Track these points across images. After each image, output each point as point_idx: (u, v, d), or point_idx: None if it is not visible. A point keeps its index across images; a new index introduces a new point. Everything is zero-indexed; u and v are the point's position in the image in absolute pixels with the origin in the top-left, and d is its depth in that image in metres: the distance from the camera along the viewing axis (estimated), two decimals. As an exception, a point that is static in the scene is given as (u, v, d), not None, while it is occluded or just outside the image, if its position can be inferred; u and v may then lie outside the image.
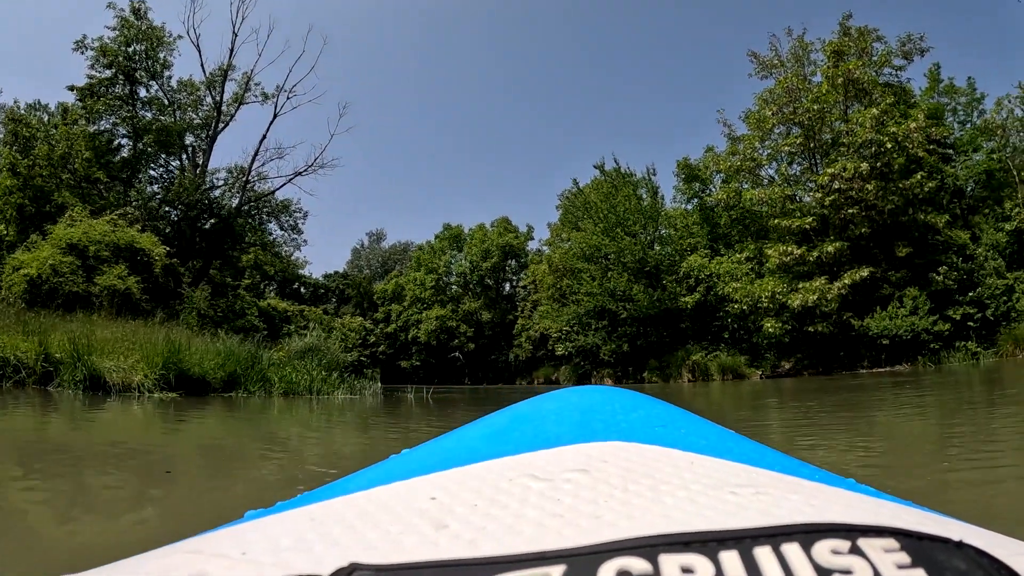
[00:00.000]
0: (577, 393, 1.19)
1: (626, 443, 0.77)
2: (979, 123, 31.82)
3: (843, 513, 0.52)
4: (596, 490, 0.57)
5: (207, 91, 34.85)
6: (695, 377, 28.88)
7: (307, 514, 0.59)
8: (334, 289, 63.08)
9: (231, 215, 33.92)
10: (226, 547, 0.51)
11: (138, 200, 31.06)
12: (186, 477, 4.19)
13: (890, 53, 30.03)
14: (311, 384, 15.59)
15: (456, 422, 7.64)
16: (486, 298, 51.29)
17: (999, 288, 25.78)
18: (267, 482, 4.11)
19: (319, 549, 0.48)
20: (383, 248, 77.23)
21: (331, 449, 6.28)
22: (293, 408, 11.18)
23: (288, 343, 22.74)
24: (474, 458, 0.75)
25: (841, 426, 6.97)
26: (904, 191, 26.57)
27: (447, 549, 0.46)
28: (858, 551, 0.36)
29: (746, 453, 0.79)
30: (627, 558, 0.37)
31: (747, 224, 32.46)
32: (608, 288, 33.03)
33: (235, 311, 32.84)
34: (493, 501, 0.56)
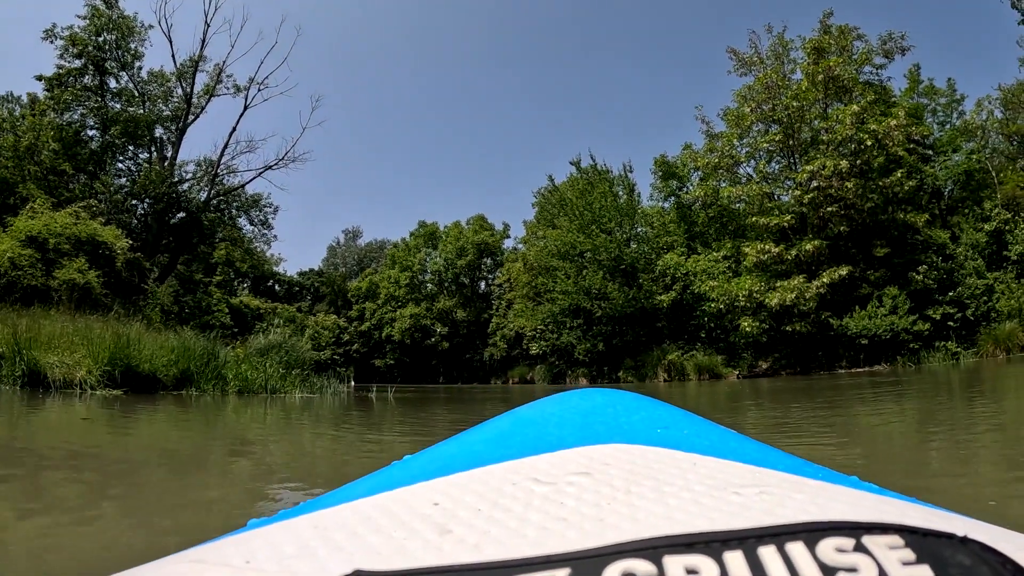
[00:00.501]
0: (578, 396, 1.14)
1: (628, 445, 0.77)
2: (958, 124, 31.69)
3: (847, 511, 0.52)
4: (599, 493, 0.57)
5: (177, 82, 34.04)
6: (671, 377, 28.45)
7: (310, 522, 0.58)
8: (309, 287, 62.53)
9: (199, 209, 33.12)
10: (230, 556, 0.51)
11: (103, 192, 30.20)
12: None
13: (871, 51, 29.74)
14: (267, 382, 15.02)
15: (403, 426, 7.08)
16: (461, 296, 50.80)
17: (979, 288, 25.58)
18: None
19: (323, 556, 0.48)
20: (359, 246, 76.71)
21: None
22: (240, 408, 10.56)
23: (252, 340, 22.15)
24: (477, 462, 0.74)
25: (833, 430, 6.56)
26: (884, 189, 26.28)
27: (451, 554, 0.46)
28: (863, 549, 0.37)
29: (749, 453, 0.78)
30: (631, 560, 0.37)
31: (724, 223, 32.10)
32: (583, 286, 32.55)
33: (201, 307, 32.12)
34: (496, 505, 0.56)
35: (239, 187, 35.06)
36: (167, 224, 32.16)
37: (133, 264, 26.51)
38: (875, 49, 29.86)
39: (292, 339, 22.98)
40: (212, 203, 34.30)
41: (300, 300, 61.24)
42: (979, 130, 31.96)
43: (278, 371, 16.26)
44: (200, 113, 34.48)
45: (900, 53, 30.18)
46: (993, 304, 25.16)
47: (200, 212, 33.22)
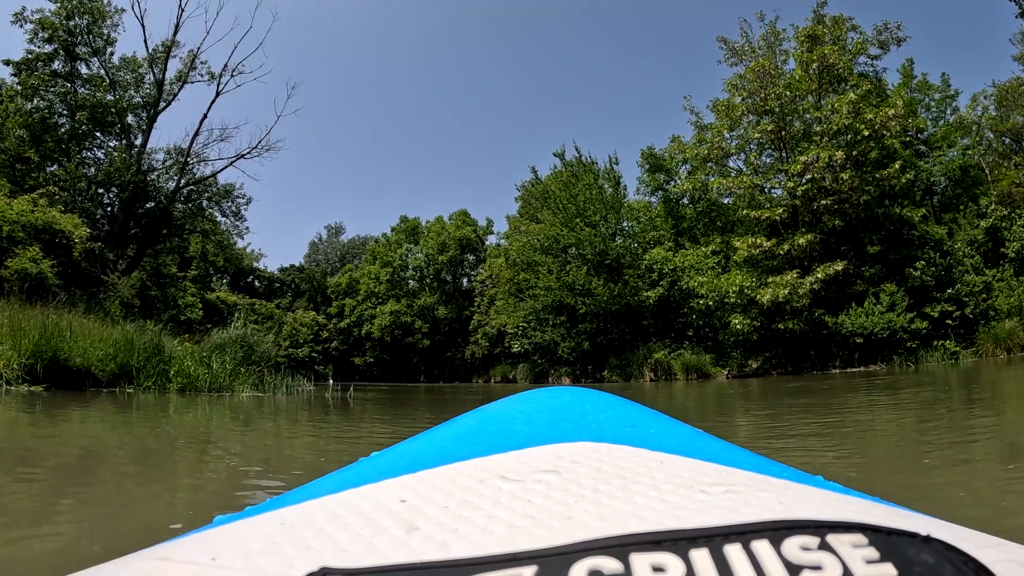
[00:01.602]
0: (547, 394, 1.14)
1: (596, 443, 0.78)
2: (953, 120, 31.26)
3: (812, 510, 0.53)
4: (567, 491, 0.58)
5: (149, 68, 32.76)
6: (657, 376, 27.47)
7: (277, 518, 0.58)
8: (289, 283, 61.57)
9: (168, 199, 31.86)
10: (196, 553, 0.51)
11: (66, 180, 28.92)
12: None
13: (866, 41, 28.80)
14: (211, 380, 13.94)
15: (336, 437, 5.62)
16: (442, 293, 49.85)
17: (977, 286, 24.91)
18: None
19: (290, 553, 0.48)
20: (341, 242, 75.69)
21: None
22: (163, 410, 9.49)
23: (214, 335, 21.06)
24: (444, 460, 0.74)
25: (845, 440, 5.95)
26: (880, 182, 25.35)
27: (419, 551, 0.46)
28: (827, 547, 0.37)
29: (715, 452, 0.80)
30: (599, 558, 0.37)
31: (713, 217, 31.31)
32: (566, 282, 31.49)
33: (167, 301, 30.92)
34: (464, 503, 0.57)
35: (210, 176, 33.77)
36: (134, 214, 30.87)
37: (93, 254, 25.41)
38: (870, 39, 28.96)
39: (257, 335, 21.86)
40: (182, 193, 33.01)
41: (281, 296, 60.46)
42: (974, 126, 31.62)
43: (226, 368, 15.18)
44: (172, 100, 33.17)
45: (895, 44, 29.43)
46: (992, 302, 24.54)
47: (169, 202, 31.93)
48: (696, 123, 31.35)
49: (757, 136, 27.46)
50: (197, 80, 33.36)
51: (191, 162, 33.19)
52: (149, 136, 32.37)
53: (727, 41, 30.73)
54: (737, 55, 30.42)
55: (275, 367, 21.10)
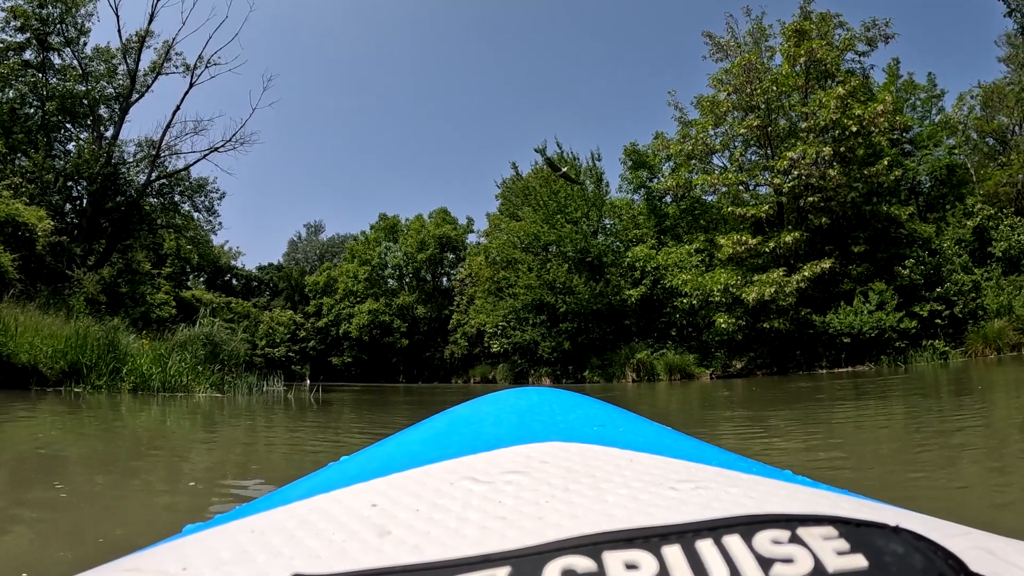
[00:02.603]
0: (515, 395, 1.15)
1: (565, 443, 0.77)
2: (939, 119, 31.08)
3: (782, 504, 0.54)
4: (538, 491, 0.58)
5: (123, 59, 31.90)
6: (640, 377, 26.88)
7: (247, 526, 0.58)
8: (268, 281, 60.80)
9: (139, 192, 31.00)
10: (166, 563, 0.50)
11: (34, 171, 28.04)
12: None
13: (853, 38, 28.37)
14: (165, 380, 13.33)
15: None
16: (422, 292, 49.16)
17: (967, 284, 24.58)
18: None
19: (261, 561, 0.48)
20: (321, 240, 74.84)
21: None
22: (103, 412, 8.90)
23: (176, 332, 20.40)
24: (414, 463, 0.73)
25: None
26: (868, 178, 24.92)
27: (391, 555, 0.46)
28: (798, 540, 0.37)
29: (685, 449, 0.80)
30: (571, 557, 0.38)
31: (696, 216, 30.77)
32: (547, 280, 30.84)
33: (135, 298, 30.13)
34: (435, 505, 0.56)
35: (183, 170, 32.91)
36: (104, 208, 30.02)
37: (59, 248, 24.64)
38: (858, 35, 28.55)
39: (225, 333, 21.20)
40: (153, 187, 32.16)
41: (259, 295, 59.71)
42: (959, 126, 31.57)
43: (183, 367, 14.58)
44: (145, 92, 32.32)
45: (883, 41, 29.01)
46: (981, 301, 24.25)
47: (140, 196, 31.10)
48: (680, 119, 30.77)
49: (743, 132, 26.95)
50: (172, 72, 32.61)
51: (163, 155, 32.35)
52: (121, 128, 31.51)
53: (712, 36, 30.22)
54: (723, 50, 29.92)
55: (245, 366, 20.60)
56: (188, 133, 33.44)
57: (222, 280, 59.42)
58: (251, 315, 54.14)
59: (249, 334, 52.21)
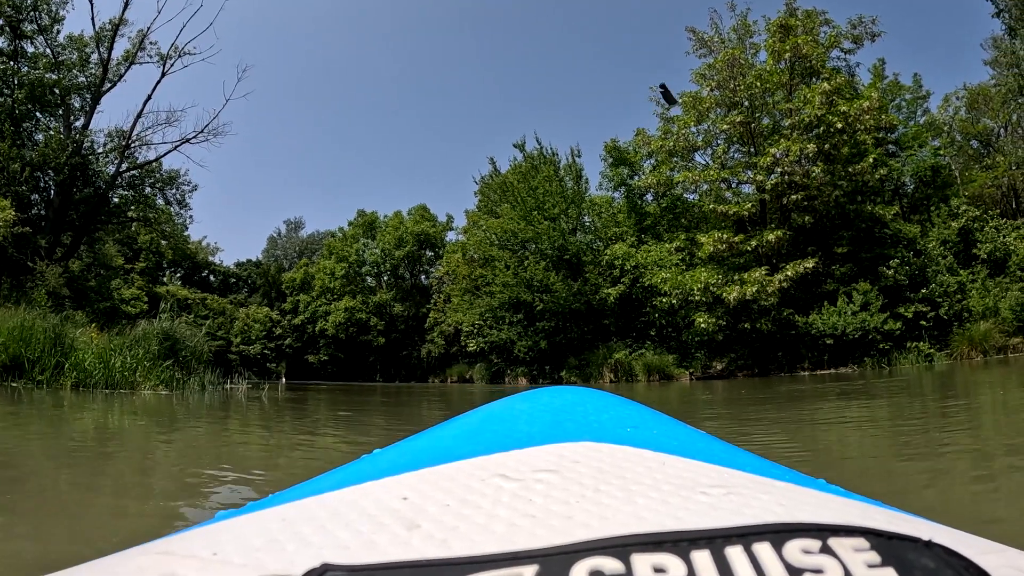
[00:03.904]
0: (549, 393, 1.16)
1: (597, 443, 0.77)
2: (924, 120, 30.98)
3: (814, 513, 0.53)
4: (568, 490, 0.58)
5: (96, 47, 31.03)
6: (617, 377, 26.22)
7: (279, 514, 0.59)
8: (246, 278, 59.97)
9: (108, 184, 30.14)
10: (197, 548, 0.51)
11: (0, 161, 27.20)
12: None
13: (839, 35, 27.92)
14: (108, 376, 12.73)
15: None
16: (399, 290, 48.39)
17: (952, 286, 24.30)
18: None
19: (291, 549, 0.48)
20: (301, 237, 73.96)
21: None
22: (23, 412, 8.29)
23: (135, 327, 19.73)
24: (446, 458, 0.74)
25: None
26: (853, 176, 24.46)
27: (419, 549, 0.46)
28: (829, 550, 0.37)
29: (717, 453, 0.80)
30: (599, 558, 0.38)
31: (678, 214, 30.25)
32: (524, 278, 30.18)
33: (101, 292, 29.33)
34: (465, 501, 0.57)
35: (154, 161, 32.03)
36: (72, 199, 29.17)
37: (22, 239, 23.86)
38: (844, 32, 28.08)
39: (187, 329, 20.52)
40: (123, 178, 31.29)
41: (236, 292, 58.91)
42: (945, 127, 31.64)
43: (131, 363, 13.98)
44: (118, 81, 31.44)
45: (870, 39, 28.49)
46: (967, 303, 24.02)
47: (108, 187, 30.24)
48: (662, 115, 30.25)
49: (726, 128, 26.39)
50: (146, 61, 31.72)
51: (133, 146, 31.46)
52: (92, 118, 30.70)
53: (696, 32, 29.67)
54: (706, 46, 29.37)
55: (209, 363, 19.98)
56: (160, 124, 32.46)
57: (199, 276, 58.65)
58: (227, 312, 53.39)
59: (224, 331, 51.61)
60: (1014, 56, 29.56)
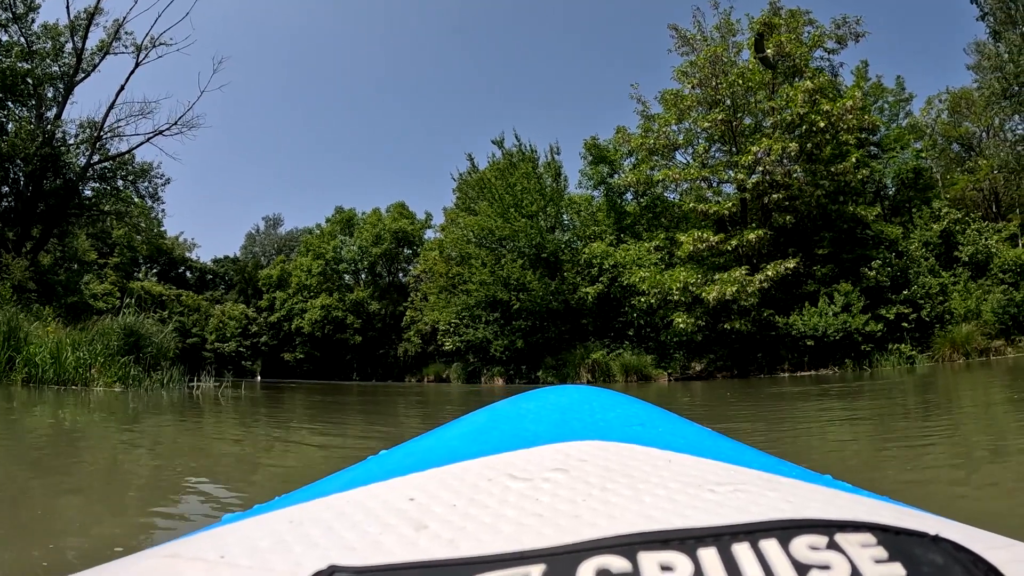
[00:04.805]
0: (555, 392, 1.14)
1: (604, 442, 0.78)
2: (907, 123, 30.88)
3: (821, 509, 0.54)
4: (575, 489, 0.58)
5: (70, 37, 30.32)
6: (595, 378, 25.79)
7: (285, 516, 0.59)
8: (223, 275, 59.21)
9: (78, 175, 29.44)
10: (204, 550, 0.51)
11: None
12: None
13: (823, 34, 27.66)
14: (61, 371, 12.32)
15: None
16: (376, 287, 47.84)
17: (934, 288, 24.16)
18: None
19: (298, 551, 0.49)
20: (279, 234, 73.19)
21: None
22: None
23: (98, 322, 19.21)
24: (452, 458, 0.74)
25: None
26: (835, 176, 24.25)
27: (427, 549, 0.46)
28: (836, 546, 0.38)
29: (723, 451, 0.80)
30: (607, 556, 0.38)
31: (658, 213, 29.91)
32: (501, 276, 29.72)
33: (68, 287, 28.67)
34: (472, 501, 0.57)
35: (126, 153, 31.31)
36: (41, 191, 28.45)
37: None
38: (828, 32, 27.83)
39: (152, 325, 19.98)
40: (95, 170, 30.57)
41: (213, 288, 58.16)
42: (927, 129, 31.69)
43: (82, 359, 13.57)
44: (91, 71, 30.74)
45: (854, 39, 28.27)
46: (948, 305, 23.95)
47: (79, 179, 29.51)
48: (643, 112, 29.80)
49: (707, 126, 26.06)
50: (121, 52, 30.99)
51: (105, 137, 30.76)
52: (64, 108, 29.98)
53: (678, 29, 29.22)
54: (689, 44, 28.97)
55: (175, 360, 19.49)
56: (133, 115, 31.73)
57: (176, 272, 57.95)
58: (201, 309, 52.73)
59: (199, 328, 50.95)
60: (998, 59, 29.47)
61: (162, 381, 15.75)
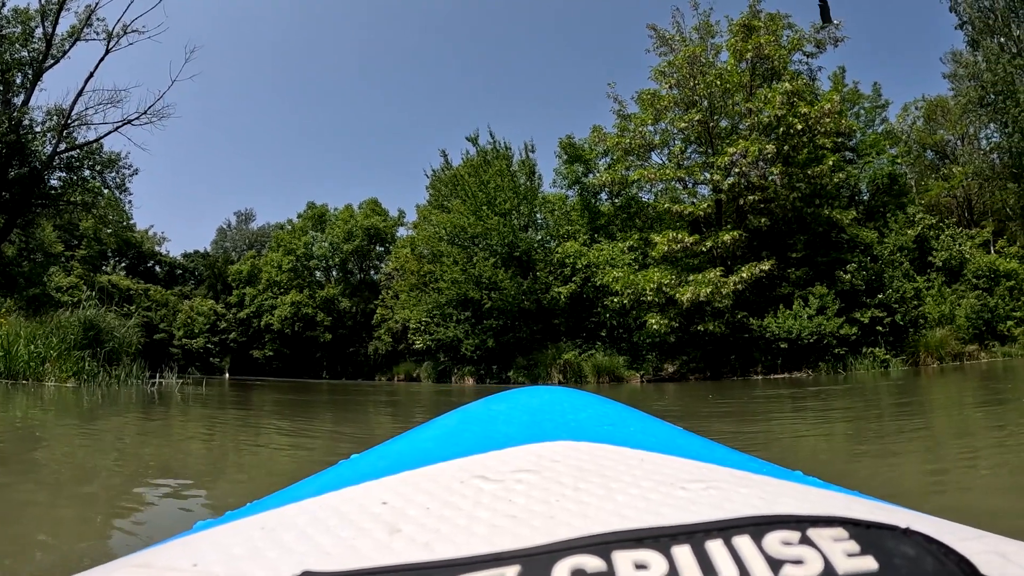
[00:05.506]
0: (527, 393, 1.17)
1: (576, 442, 0.79)
2: (883, 129, 30.93)
3: (793, 505, 0.55)
4: (548, 490, 0.59)
5: (40, 21, 29.57)
6: (567, 379, 25.53)
7: (258, 523, 0.59)
8: (192, 270, 58.24)
9: (44, 164, 28.72)
10: (177, 559, 0.51)
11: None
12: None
13: (802, 38, 27.56)
14: (9, 365, 11.96)
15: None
16: (347, 284, 47.29)
17: (909, 292, 24.17)
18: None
19: (272, 557, 0.48)
20: (251, 229, 72.39)
21: None
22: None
23: (55, 316, 18.68)
24: (425, 461, 0.75)
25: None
26: (812, 179, 24.11)
27: (402, 553, 0.46)
28: (808, 541, 0.38)
29: (695, 449, 0.82)
30: (581, 556, 0.38)
31: (632, 214, 29.69)
32: (472, 274, 29.32)
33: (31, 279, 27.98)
34: (446, 503, 0.57)
35: (94, 142, 30.60)
36: (6, 179, 27.71)
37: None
38: (807, 36, 27.73)
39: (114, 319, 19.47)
40: (62, 159, 29.86)
41: (183, 283, 57.15)
42: (903, 136, 31.99)
43: (36, 352, 13.18)
44: (61, 57, 30.01)
45: (832, 44, 28.20)
46: (923, 309, 24.02)
47: (45, 167, 28.78)
48: (619, 112, 29.53)
49: (683, 126, 25.86)
50: (92, 38, 30.24)
51: (72, 125, 30.05)
52: (32, 94, 29.23)
53: (657, 29, 28.98)
54: (667, 44, 28.76)
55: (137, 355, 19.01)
56: (102, 103, 30.98)
57: (145, 267, 56.82)
58: (170, 303, 51.86)
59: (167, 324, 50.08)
60: (975, 67, 29.65)
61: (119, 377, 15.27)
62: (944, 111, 33.51)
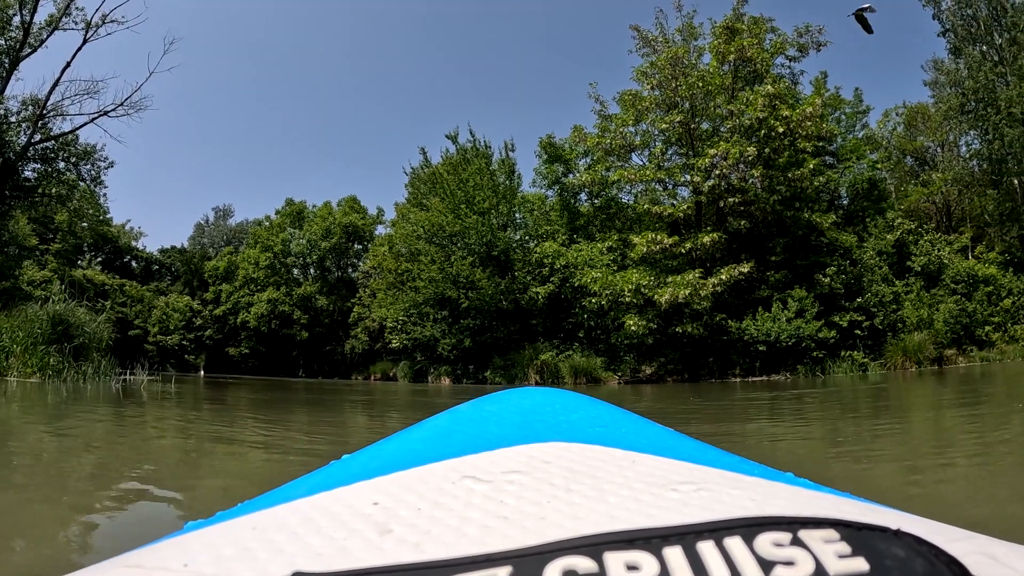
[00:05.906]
0: (518, 394, 1.15)
1: (568, 443, 0.78)
2: (863, 134, 31.22)
3: (784, 506, 0.55)
4: (539, 491, 0.59)
5: (18, 9, 29.00)
6: (544, 379, 25.28)
7: (249, 523, 0.59)
8: (169, 265, 57.59)
9: (18, 155, 28.19)
10: (167, 559, 0.51)
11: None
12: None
13: (785, 42, 27.55)
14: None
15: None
16: (324, 282, 46.87)
17: (888, 296, 24.27)
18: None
19: (263, 558, 0.48)
20: (230, 225, 71.61)
21: None
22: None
23: (23, 308, 18.33)
24: (416, 461, 0.74)
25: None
26: (792, 182, 24.11)
27: (392, 554, 0.46)
28: (799, 543, 0.38)
29: (687, 451, 0.81)
30: (572, 557, 0.38)
31: (612, 215, 29.63)
32: (450, 273, 29.10)
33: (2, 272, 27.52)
34: (437, 504, 0.57)
35: (69, 133, 30.08)
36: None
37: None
38: (790, 40, 27.75)
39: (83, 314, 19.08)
40: (36, 150, 29.33)
41: (159, 279, 56.49)
42: (883, 141, 32.19)
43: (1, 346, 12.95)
44: (38, 47, 29.46)
45: (815, 48, 28.27)
46: (901, 313, 24.12)
47: (18, 159, 28.25)
48: (600, 112, 29.36)
49: (664, 128, 25.75)
50: (70, 28, 29.73)
51: (47, 115, 29.53)
52: (7, 84, 28.67)
53: (640, 30, 28.83)
54: (650, 45, 28.61)
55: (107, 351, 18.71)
56: (79, 94, 30.44)
57: (121, 262, 56.11)
58: (145, 299, 51.25)
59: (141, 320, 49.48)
60: (957, 75, 29.76)
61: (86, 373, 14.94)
62: (924, 118, 33.66)
